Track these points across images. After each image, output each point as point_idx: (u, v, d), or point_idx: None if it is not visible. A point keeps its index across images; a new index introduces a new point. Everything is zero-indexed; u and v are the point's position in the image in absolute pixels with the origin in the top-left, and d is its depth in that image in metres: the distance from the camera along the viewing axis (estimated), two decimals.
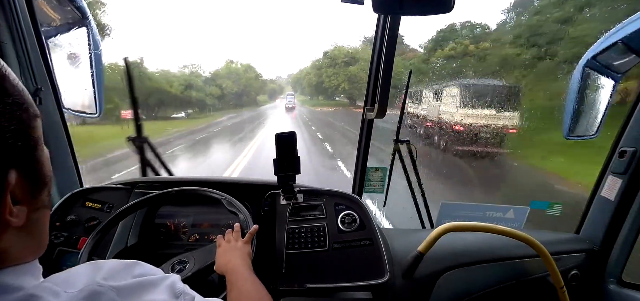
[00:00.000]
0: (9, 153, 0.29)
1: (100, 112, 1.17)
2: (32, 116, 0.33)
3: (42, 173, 0.35)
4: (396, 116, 1.29)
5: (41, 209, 0.36)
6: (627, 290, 1.05)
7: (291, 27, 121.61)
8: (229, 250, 0.72)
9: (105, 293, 0.34)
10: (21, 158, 0.31)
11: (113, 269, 0.38)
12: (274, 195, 1.06)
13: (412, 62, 17.73)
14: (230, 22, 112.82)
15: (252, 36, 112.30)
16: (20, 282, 0.32)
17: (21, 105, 0.31)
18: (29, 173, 0.33)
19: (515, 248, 1.01)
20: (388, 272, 0.88)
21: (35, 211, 0.35)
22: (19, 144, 0.30)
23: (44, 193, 0.36)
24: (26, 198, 0.33)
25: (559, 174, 5.32)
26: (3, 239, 0.31)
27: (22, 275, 0.33)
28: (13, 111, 0.30)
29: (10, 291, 0.31)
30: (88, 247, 0.79)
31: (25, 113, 0.32)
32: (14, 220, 0.31)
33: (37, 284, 0.33)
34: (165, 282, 0.41)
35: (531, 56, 11.48)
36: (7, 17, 0.91)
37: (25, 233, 0.34)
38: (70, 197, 1.03)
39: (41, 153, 0.35)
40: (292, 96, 33.04)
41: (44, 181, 0.36)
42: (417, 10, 0.65)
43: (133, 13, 56.85)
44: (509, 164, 6.46)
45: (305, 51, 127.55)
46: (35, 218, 0.35)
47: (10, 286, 0.31)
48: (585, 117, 1.11)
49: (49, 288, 0.33)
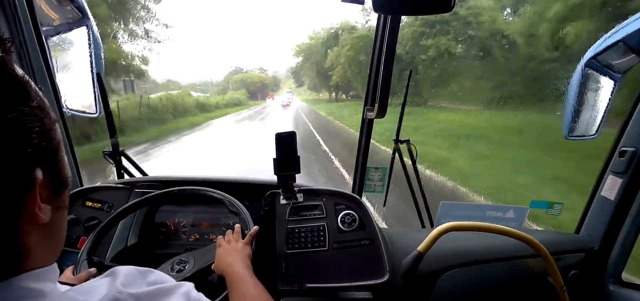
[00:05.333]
0: (36, 152, 0.31)
1: (100, 112, 1.17)
2: (53, 120, 0.35)
3: (64, 174, 0.37)
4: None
5: (62, 209, 0.38)
6: (627, 289, 1.05)
7: (289, 18, 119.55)
8: (230, 251, 0.72)
9: (125, 300, 0.35)
10: (46, 158, 0.33)
11: (129, 275, 0.40)
12: (273, 195, 1.06)
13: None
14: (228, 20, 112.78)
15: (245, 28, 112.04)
16: (41, 286, 0.33)
17: (43, 109, 0.33)
18: (52, 173, 0.34)
19: (515, 248, 1.01)
20: (388, 272, 0.88)
21: (57, 211, 0.36)
22: (43, 144, 0.32)
23: (65, 193, 0.38)
24: (50, 197, 0.34)
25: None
26: (30, 236, 0.33)
27: (43, 280, 0.34)
28: (37, 114, 0.32)
29: (33, 297, 0.32)
30: (88, 247, 0.79)
31: (47, 117, 0.34)
32: (42, 217, 0.32)
33: (61, 293, 0.35)
34: (180, 290, 0.41)
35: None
36: (7, 17, 0.92)
37: (47, 232, 0.35)
38: (70, 197, 1.02)
39: (62, 155, 0.37)
40: (291, 93, 32.91)
41: (66, 182, 0.38)
42: (417, 10, 0.65)
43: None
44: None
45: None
46: (57, 217, 0.36)
47: (33, 291, 0.32)
48: (585, 117, 1.11)
49: (73, 297, 0.34)
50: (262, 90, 43.25)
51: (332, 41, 23.00)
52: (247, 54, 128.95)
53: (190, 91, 23.83)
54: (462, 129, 9.49)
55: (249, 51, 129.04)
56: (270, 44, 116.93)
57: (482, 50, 13.85)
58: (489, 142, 7.73)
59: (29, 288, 0.32)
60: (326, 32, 24.50)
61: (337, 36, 22.56)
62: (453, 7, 0.62)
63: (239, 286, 0.62)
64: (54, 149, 0.35)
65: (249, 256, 0.73)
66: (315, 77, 28.08)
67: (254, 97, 39.65)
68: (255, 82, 42.85)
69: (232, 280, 0.64)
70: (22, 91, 0.31)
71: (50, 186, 0.34)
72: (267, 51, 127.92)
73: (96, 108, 1.16)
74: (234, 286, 0.63)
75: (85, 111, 1.19)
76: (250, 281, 0.64)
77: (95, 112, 1.17)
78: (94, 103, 1.15)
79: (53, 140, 0.34)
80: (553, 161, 5.63)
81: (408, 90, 1.35)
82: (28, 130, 0.30)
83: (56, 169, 0.35)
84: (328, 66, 22.11)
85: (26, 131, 0.30)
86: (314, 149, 7.93)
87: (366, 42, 15.66)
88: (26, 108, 0.30)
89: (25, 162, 0.30)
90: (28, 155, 0.30)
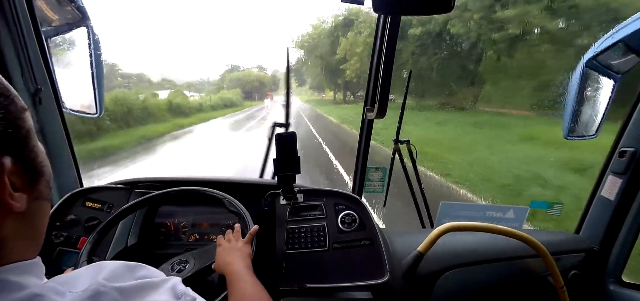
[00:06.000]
0: (1, 139, 0.31)
1: (101, 112, 1.17)
2: (19, 108, 0.35)
3: (37, 162, 0.37)
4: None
5: (40, 200, 0.37)
6: (627, 290, 1.05)
7: (289, 18, 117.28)
8: (230, 250, 0.72)
9: (108, 293, 0.35)
10: (14, 145, 0.33)
11: (115, 270, 0.39)
12: (274, 195, 1.06)
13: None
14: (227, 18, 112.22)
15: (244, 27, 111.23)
16: (23, 280, 0.32)
17: (7, 97, 0.33)
18: (24, 161, 0.34)
19: (515, 248, 1.01)
20: (388, 272, 0.88)
21: (35, 201, 0.36)
22: (9, 131, 0.32)
23: (41, 183, 0.37)
24: (25, 186, 0.34)
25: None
26: (4, 226, 0.32)
27: (25, 273, 0.34)
28: (0, 102, 0.32)
29: (14, 290, 0.31)
30: (88, 247, 0.79)
31: (12, 105, 0.33)
32: (16, 205, 0.32)
33: (42, 284, 0.34)
34: (166, 284, 0.41)
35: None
36: (7, 17, 0.91)
37: (25, 222, 0.35)
38: (70, 197, 1.03)
39: (34, 143, 0.37)
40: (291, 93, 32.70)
41: (41, 171, 0.37)
42: (417, 10, 0.65)
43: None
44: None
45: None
46: (35, 207, 0.36)
47: (14, 284, 0.32)
48: (585, 117, 1.11)
49: (53, 287, 0.33)
50: (259, 90, 39.22)
51: (343, 30, 18.80)
52: (246, 52, 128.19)
53: (185, 91, 21.86)
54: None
55: (248, 49, 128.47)
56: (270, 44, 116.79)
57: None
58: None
59: (10, 281, 0.32)
60: (335, 19, 20.37)
61: (349, 24, 18.66)
62: (453, 7, 0.62)
63: (238, 285, 0.62)
64: (23, 137, 0.34)
65: (249, 255, 0.73)
66: (321, 74, 23.20)
67: (249, 97, 35.60)
68: (252, 80, 39.18)
69: (232, 278, 0.64)
70: None
71: (23, 174, 0.34)
72: (266, 50, 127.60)
73: (96, 108, 1.16)
74: (233, 284, 0.63)
75: (85, 111, 1.19)
76: (249, 280, 0.64)
77: (96, 112, 1.17)
78: (94, 103, 1.15)
79: (21, 128, 0.34)
80: None
81: (408, 90, 1.35)
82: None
83: (28, 158, 0.35)
84: (340, 57, 17.58)
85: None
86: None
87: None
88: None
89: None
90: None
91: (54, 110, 1.11)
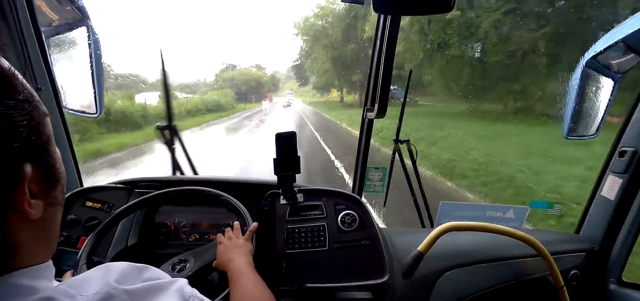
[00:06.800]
0: (24, 146, 0.31)
1: (100, 112, 1.17)
2: (42, 113, 0.34)
3: (56, 169, 0.37)
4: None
5: (55, 206, 0.37)
6: (627, 289, 1.05)
7: (289, 17, 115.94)
8: (231, 248, 0.72)
9: (119, 296, 0.35)
10: (35, 152, 0.33)
11: (124, 272, 0.39)
12: (273, 195, 1.06)
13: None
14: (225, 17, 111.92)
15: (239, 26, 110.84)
16: (35, 284, 0.33)
17: (31, 102, 0.33)
18: (43, 168, 0.34)
19: (515, 248, 1.01)
20: (388, 272, 0.88)
21: (50, 207, 0.36)
22: (32, 138, 0.32)
23: (57, 189, 0.37)
24: (42, 192, 0.34)
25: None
26: (20, 232, 0.32)
27: (38, 277, 0.34)
28: (24, 108, 0.31)
29: (26, 294, 0.31)
30: (88, 247, 0.79)
31: (35, 110, 0.33)
32: (32, 212, 0.32)
33: (53, 287, 0.34)
34: (174, 286, 0.41)
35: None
36: (7, 17, 0.91)
37: (40, 228, 0.35)
38: (70, 197, 1.03)
39: (54, 149, 0.37)
40: (291, 94, 32.38)
41: (58, 177, 0.37)
42: (417, 10, 0.65)
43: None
44: None
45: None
46: (50, 213, 0.36)
47: (26, 288, 0.32)
48: (585, 117, 1.11)
49: (64, 291, 0.34)
50: (256, 90, 34.63)
51: (362, 11, 14.37)
52: (244, 52, 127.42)
53: (177, 92, 19.18)
54: None
55: (246, 49, 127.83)
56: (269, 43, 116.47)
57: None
58: None
59: (24, 285, 0.32)
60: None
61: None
62: (453, 7, 0.62)
63: (240, 281, 0.62)
64: (44, 143, 0.34)
65: (250, 252, 0.73)
66: (331, 69, 17.97)
67: (244, 99, 29.82)
68: (249, 80, 34.66)
69: (234, 275, 0.64)
70: (7, 83, 0.30)
71: (41, 181, 0.34)
72: (266, 49, 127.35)
73: (96, 108, 1.16)
74: (235, 280, 0.63)
75: (85, 111, 1.19)
76: (251, 276, 0.64)
77: (96, 112, 1.17)
78: (94, 103, 1.15)
79: (42, 134, 0.34)
80: None
81: (408, 90, 1.35)
82: (15, 124, 0.30)
83: (47, 164, 0.35)
84: (355, 48, 13.58)
85: (13, 124, 0.29)
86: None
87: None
88: (12, 101, 0.30)
89: (12, 156, 0.30)
90: (15, 149, 0.30)
91: (54, 110, 1.11)
